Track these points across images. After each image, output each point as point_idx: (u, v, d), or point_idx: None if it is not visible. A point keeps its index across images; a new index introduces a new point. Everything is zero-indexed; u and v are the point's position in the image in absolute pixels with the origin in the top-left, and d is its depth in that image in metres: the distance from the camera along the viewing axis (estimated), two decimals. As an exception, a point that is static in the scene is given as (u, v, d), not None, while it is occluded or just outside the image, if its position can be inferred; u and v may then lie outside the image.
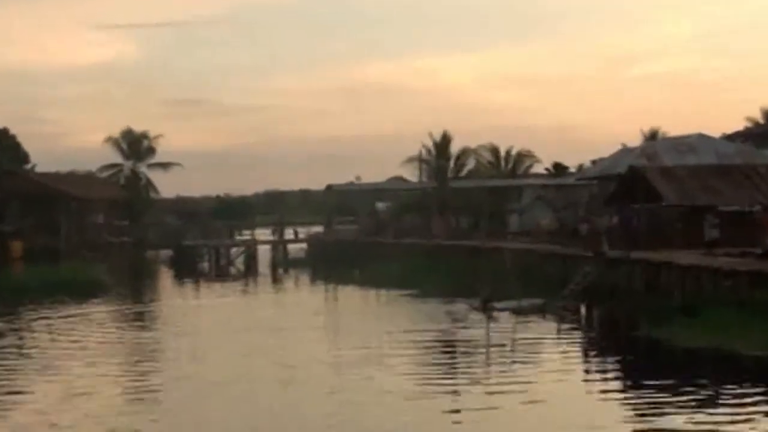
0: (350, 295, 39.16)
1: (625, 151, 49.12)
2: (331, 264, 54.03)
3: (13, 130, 72.80)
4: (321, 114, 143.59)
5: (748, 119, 59.91)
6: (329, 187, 67.33)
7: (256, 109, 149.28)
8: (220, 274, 57.58)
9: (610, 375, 19.76)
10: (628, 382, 18.87)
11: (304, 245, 66.83)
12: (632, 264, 30.52)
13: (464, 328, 26.85)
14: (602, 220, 39.11)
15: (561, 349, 22.95)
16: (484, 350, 22.84)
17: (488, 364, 20.94)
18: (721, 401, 16.37)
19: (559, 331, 26.49)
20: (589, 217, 42.11)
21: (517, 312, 29.37)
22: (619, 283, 30.66)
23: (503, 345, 23.56)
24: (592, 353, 22.92)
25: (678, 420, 14.98)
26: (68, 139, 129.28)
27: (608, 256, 31.77)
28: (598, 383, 18.68)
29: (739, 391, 17.04)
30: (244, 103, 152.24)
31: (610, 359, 21.66)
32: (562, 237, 42.91)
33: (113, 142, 76.50)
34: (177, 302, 38.03)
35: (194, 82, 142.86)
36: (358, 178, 73.59)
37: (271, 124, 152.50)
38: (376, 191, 67.82)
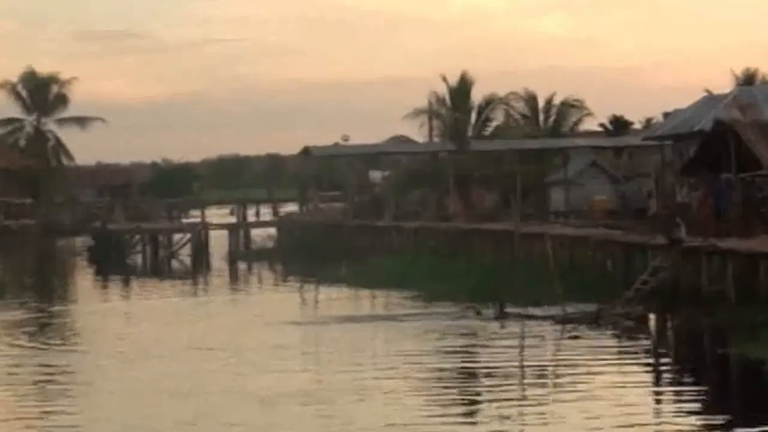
0: (335, 298, 39.20)
1: (711, 100, 48.98)
2: (310, 256, 54.16)
3: None
4: (293, 52, 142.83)
5: None
6: (306, 151, 67.26)
7: (205, 44, 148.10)
8: (158, 269, 57.84)
9: (692, 412, 19.41)
10: (719, 422, 18.68)
11: (272, 230, 66.90)
12: (720, 256, 30.54)
13: (490, 345, 26.87)
14: (678, 195, 38.93)
15: (623, 374, 22.84)
16: (517, 377, 22.76)
17: (523, 397, 20.83)
18: None
19: (620, 349, 26.45)
20: (660, 192, 41.96)
21: (563, 322, 29.40)
22: (702, 282, 30.73)
23: (543, 370, 23.50)
24: (667, 381, 22.83)
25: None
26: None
27: (687, 245, 31.68)
28: (676, 425, 18.46)
29: None
30: (189, 38, 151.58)
31: (691, 389, 21.56)
32: (624, 218, 43.04)
33: (9, 88, 76.14)
34: (97, 309, 38.13)
35: (120, 8, 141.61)
36: (345, 138, 73.76)
37: (226, 66, 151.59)
38: (370, 156, 67.80)
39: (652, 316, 30.28)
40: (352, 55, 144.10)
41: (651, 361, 25.21)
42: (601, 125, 72.87)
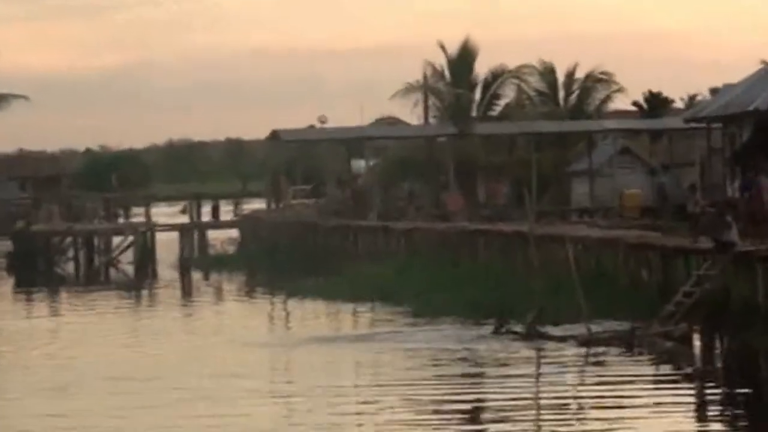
0: (311, 315, 39.28)
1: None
2: (279, 263, 54.37)
3: None
4: (257, 16, 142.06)
5: None
6: (274, 136, 67.10)
7: (150, 6, 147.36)
8: (94, 279, 57.81)
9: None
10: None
11: (234, 232, 66.74)
12: None
13: (497, 375, 26.79)
14: (728, 188, 38.88)
15: (661, 410, 22.63)
16: (530, 417, 22.66)
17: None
18: None
19: (657, 377, 26.35)
20: (706, 185, 41.76)
21: (588, 344, 29.32)
22: (759, 294, 30.58)
23: (562, 406, 23.38)
24: (716, 417, 22.63)
25: None
26: None
27: (739, 250, 31.57)
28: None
29: None
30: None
31: (747, 429, 21.38)
32: (662, 217, 42.99)
33: None
34: (15, 327, 38.07)
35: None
36: (322, 120, 73.58)
37: (175, 33, 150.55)
38: (353, 142, 67.72)
39: (697, 336, 30.24)
40: (330, 19, 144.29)
41: (696, 392, 25.11)
42: (635, 104, 72.94)
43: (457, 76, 65.74)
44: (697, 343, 30.03)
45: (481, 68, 66.78)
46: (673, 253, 34.99)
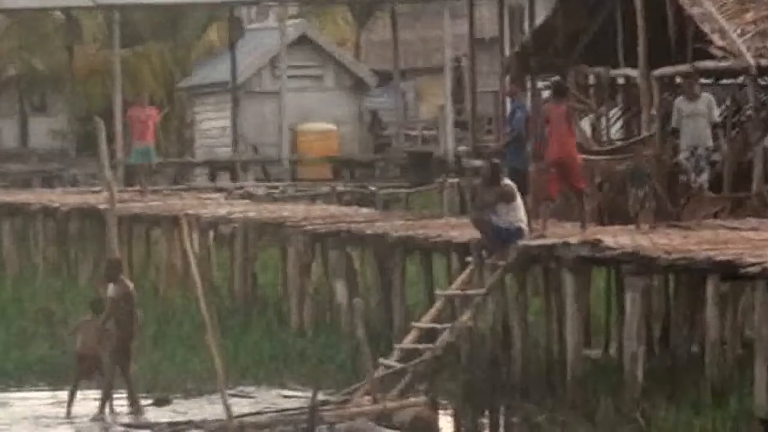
0: None
1: None
2: None
3: None
4: None
5: None
6: None
7: None
8: None
9: None
10: None
11: None
12: (609, 266, 31.69)
13: None
14: (507, 117, 39.51)
15: None
16: None
17: None
18: None
19: None
20: (463, 114, 42.11)
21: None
22: (563, 332, 31.32)
23: None
24: None
25: None
26: None
27: (527, 243, 31.92)
28: None
29: None
30: None
31: None
32: (381, 178, 43.65)
33: None
34: None
35: None
36: None
37: None
38: None
39: (447, 419, 30.89)
40: None
41: None
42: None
43: None
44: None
45: None
46: (399, 252, 35.49)
